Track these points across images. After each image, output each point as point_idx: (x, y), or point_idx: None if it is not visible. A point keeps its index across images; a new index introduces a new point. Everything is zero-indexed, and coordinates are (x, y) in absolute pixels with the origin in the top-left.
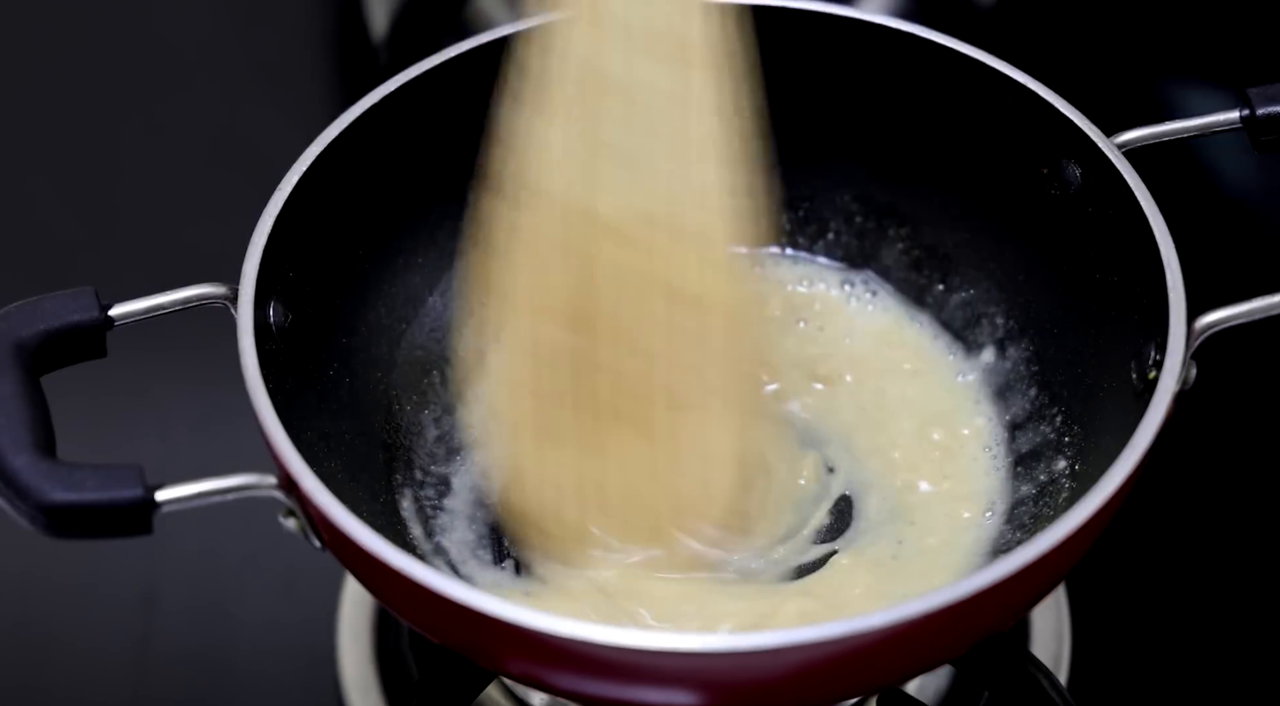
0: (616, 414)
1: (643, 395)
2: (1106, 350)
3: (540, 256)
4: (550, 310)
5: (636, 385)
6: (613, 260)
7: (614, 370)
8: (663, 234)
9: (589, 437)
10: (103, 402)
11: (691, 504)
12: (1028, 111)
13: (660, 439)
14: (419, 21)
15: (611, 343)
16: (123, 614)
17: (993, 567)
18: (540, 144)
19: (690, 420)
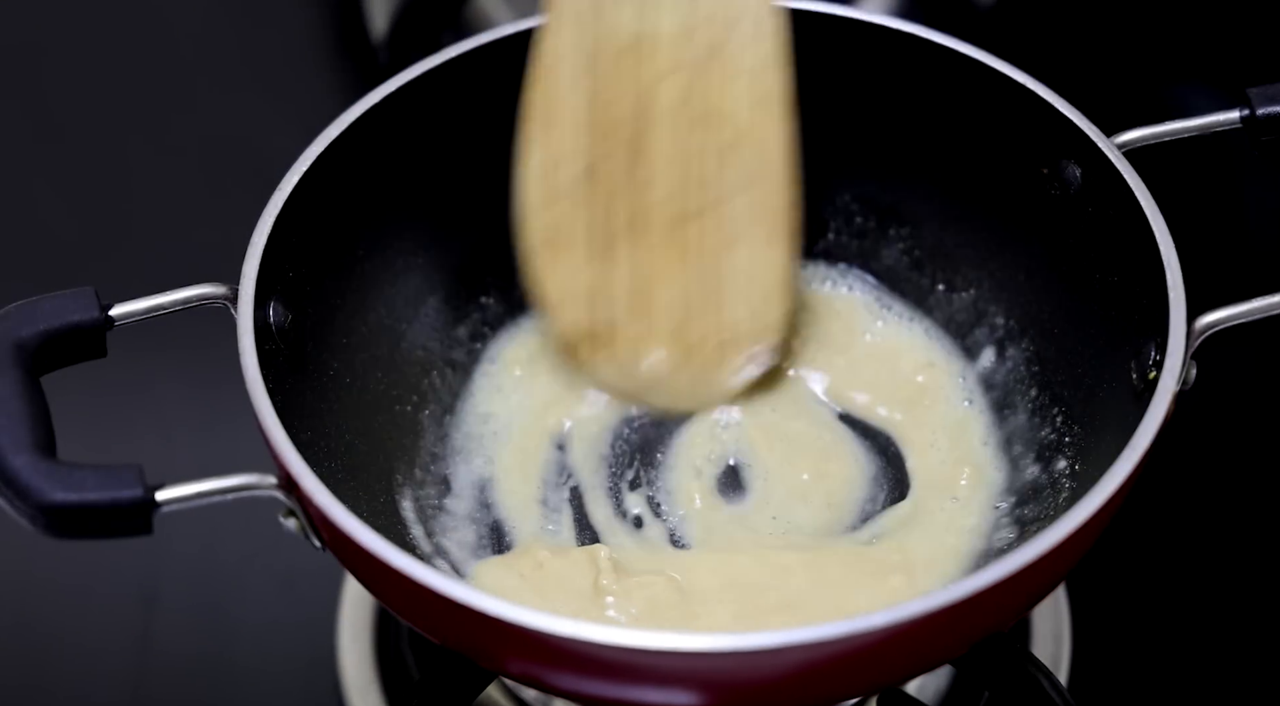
0: (665, 233)
1: (691, 215)
2: (1106, 350)
3: (595, 77)
4: (604, 130)
5: (685, 205)
6: (659, 84)
7: (665, 192)
8: (710, 63)
9: (638, 254)
10: (103, 402)
11: (744, 325)
12: (1028, 111)
13: (706, 257)
14: (419, 21)
15: (661, 162)
16: (123, 614)
17: (993, 567)
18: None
19: (727, 220)
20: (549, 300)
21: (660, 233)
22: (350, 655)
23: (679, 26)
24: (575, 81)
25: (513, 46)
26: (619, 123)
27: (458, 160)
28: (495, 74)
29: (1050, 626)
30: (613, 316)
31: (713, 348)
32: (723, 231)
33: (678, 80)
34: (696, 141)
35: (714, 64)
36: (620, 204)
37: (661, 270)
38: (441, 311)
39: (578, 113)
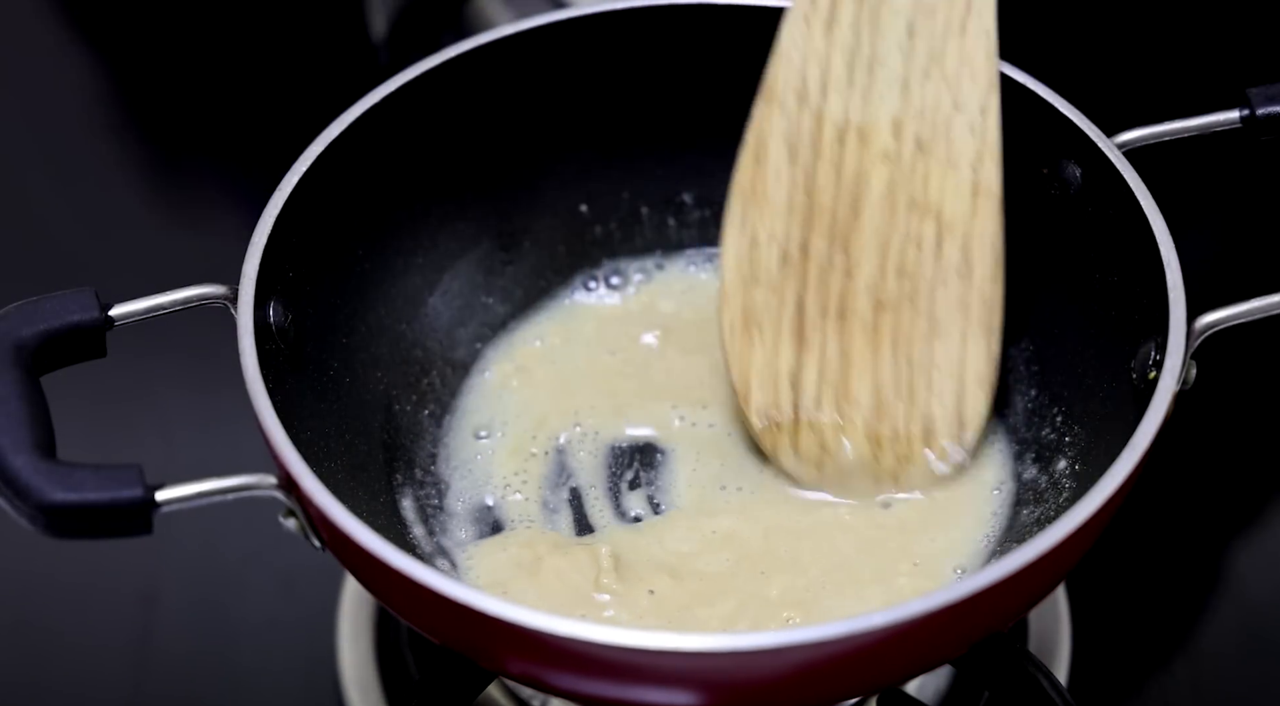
0: (864, 322)
1: (891, 306)
2: (1106, 350)
3: (804, 163)
4: (809, 215)
5: (886, 294)
6: (871, 173)
7: (867, 281)
8: (924, 154)
9: (835, 342)
10: (103, 402)
11: (940, 420)
12: (1028, 111)
13: (903, 349)
14: (419, 21)
15: (865, 253)
16: (123, 613)
17: (993, 567)
18: (816, 55)
19: (940, 337)
20: (740, 382)
21: (859, 322)
22: (350, 655)
23: (891, 119)
24: (783, 165)
25: (513, 46)
26: (824, 208)
27: (458, 160)
28: (495, 74)
29: (1050, 626)
30: (804, 404)
31: (904, 442)
32: (923, 324)
33: (886, 170)
34: (902, 232)
35: (924, 156)
36: (820, 290)
37: (858, 360)
38: (442, 311)
39: (783, 196)
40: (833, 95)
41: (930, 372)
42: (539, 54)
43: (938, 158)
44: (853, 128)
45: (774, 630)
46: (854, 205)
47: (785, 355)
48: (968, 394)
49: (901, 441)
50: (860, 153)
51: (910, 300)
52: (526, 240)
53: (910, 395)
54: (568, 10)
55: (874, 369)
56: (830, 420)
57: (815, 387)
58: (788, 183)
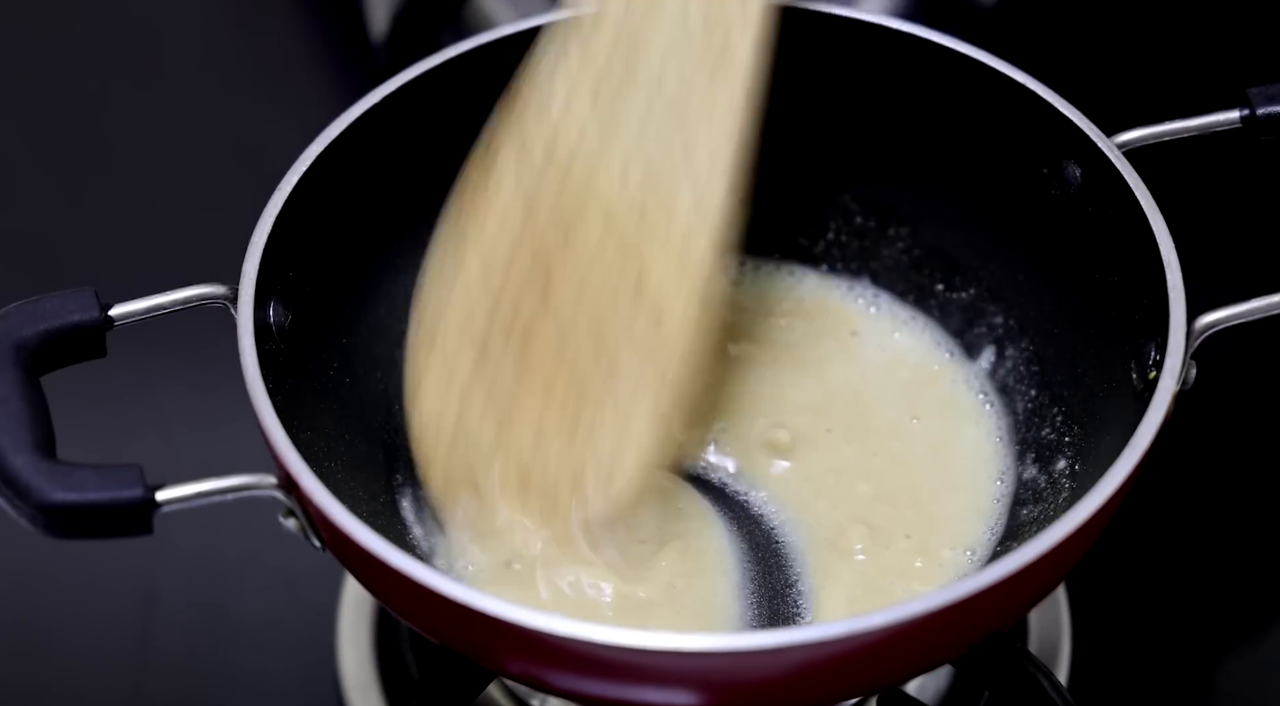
0: (547, 384)
1: (578, 373)
2: (1106, 350)
3: (522, 213)
4: (517, 267)
5: (576, 362)
6: (593, 237)
7: (559, 313)
8: (644, 202)
9: (516, 396)
10: (103, 402)
11: (590, 480)
12: (1028, 111)
13: (579, 413)
14: (419, 21)
15: (566, 316)
16: (123, 613)
17: (993, 567)
18: (558, 104)
19: (614, 410)
20: (412, 381)
21: (540, 352)
22: (350, 655)
23: (622, 156)
24: (508, 175)
25: (513, 46)
26: (536, 231)
27: (458, 160)
28: (495, 74)
29: (1050, 626)
30: (466, 417)
31: (551, 482)
32: (602, 369)
33: (605, 207)
34: (604, 273)
35: (643, 205)
36: (510, 310)
37: (528, 390)
38: None
39: (501, 207)
40: (571, 119)
41: (595, 419)
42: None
43: (655, 209)
44: (583, 155)
45: (774, 630)
46: (566, 234)
47: (462, 367)
48: (626, 448)
49: (550, 480)
50: (585, 183)
51: (596, 342)
52: None
53: (571, 436)
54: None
55: (542, 403)
56: (486, 440)
57: (481, 404)
58: (508, 194)
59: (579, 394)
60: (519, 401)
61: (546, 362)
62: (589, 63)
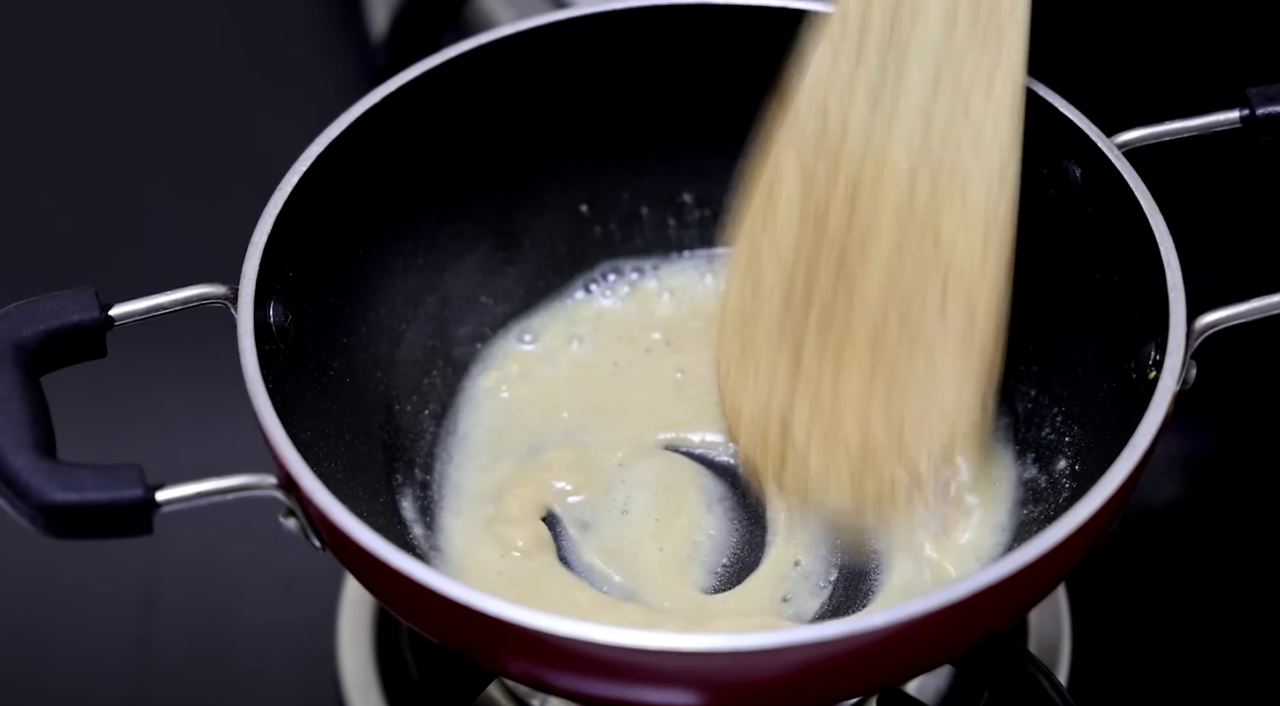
0: (862, 363)
1: (869, 317)
2: (1106, 350)
3: (815, 206)
4: (814, 253)
5: (866, 304)
6: (883, 220)
7: (868, 328)
8: (937, 204)
9: (830, 382)
10: (103, 402)
11: (925, 467)
12: (1028, 111)
13: (877, 364)
14: (419, 21)
15: (868, 300)
16: (123, 613)
17: (993, 567)
18: (839, 90)
19: (909, 353)
20: (731, 420)
21: (856, 367)
22: (350, 655)
23: (909, 167)
24: (795, 205)
25: (513, 46)
26: (832, 253)
27: (458, 160)
28: (495, 74)
29: (1050, 626)
30: (793, 444)
31: (888, 486)
32: (920, 372)
33: (898, 218)
34: (908, 282)
35: (937, 207)
36: (820, 334)
37: (850, 405)
38: (441, 311)
39: (792, 238)
40: (852, 137)
41: (921, 420)
42: (539, 54)
43: (951, 209)
44: (869, 173)
45: (774, 630)
46: (863, 252)
47: (778, 396)
48: (957, 442)
49: (886, 485)
50: (874, 199)
51: (909, 348)
52: (526, 240)
53: (900, 441)
54: (568, 10)
55: (866, 414)
56: (817, 463)
57: (805, 430)
58: (798, 224)
59: (902, 393)
60: (840, 408)
61: (863, 367)
62: (862, 61)
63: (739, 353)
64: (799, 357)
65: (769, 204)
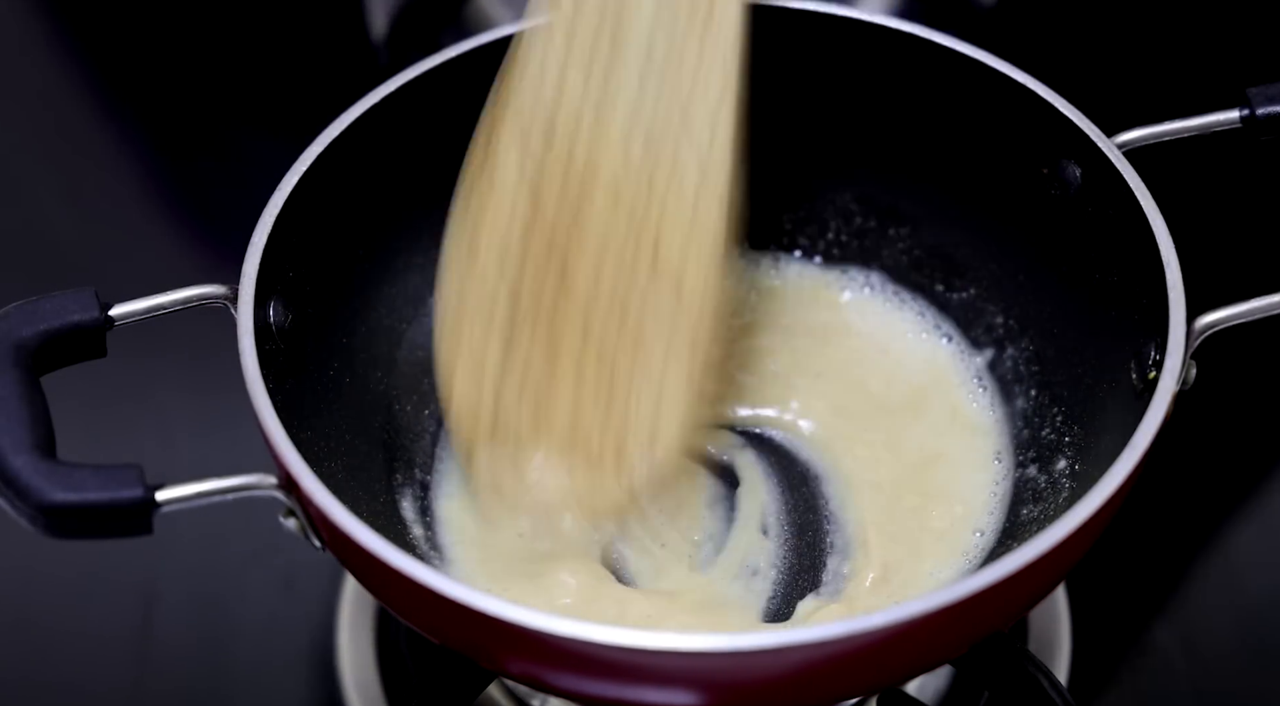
0: (578, 363)
1: (606, 348)
2: (1106, 350)
3: (529, 199)
4: (532, 253)
5: (602, 338)
6: (603, 214)
7: (582, 294)
8: (649, 175)
9: (549, 379)
10: (103, 402)
11: (632, 447)
12: (1028, 111)
13: (613, 387)
14: (419, 21)
15: (587, 295)
16: (124, 613)
17: (993, 567)
18: (549, 87)
19: (647, 379)
20: (445, 378)
21: (569, 332)
22: (350, 655)
23: (621, 134)
24: (511, 169)
25: (513, 46)
26: (547, 219)
27: (458, 160)
28: (495, 74)
29: (1050, 626)
30: (504, 405)
31: (595, 456)
32: (629, 342)
33: (612, 186)
34: (619, 249)
35: (649, 177)
36: (534, 298)
37: (561, 371)
38: None
39: (508, 201)
40: (566, 101)
41: (629, 390)
42: None
43: (661, 179)
44: (583, 135)
45: (774, 630)
46: (575, 215)
47: (492, 357)
48: (665, 413)
49: (594, 453)
50: (588, 163)
51: (619, 316)
52: None
53: (608, 409)
54: None
55: (575, 382)
56: (526, 425)
57: (516, 392)
58: (512, 183)
59: (610, 368)
60: (552, 384)
61: (574, 342)
62: (576, 42)
63: (454, 315)
64: (512, 322)
65: (489, 189)
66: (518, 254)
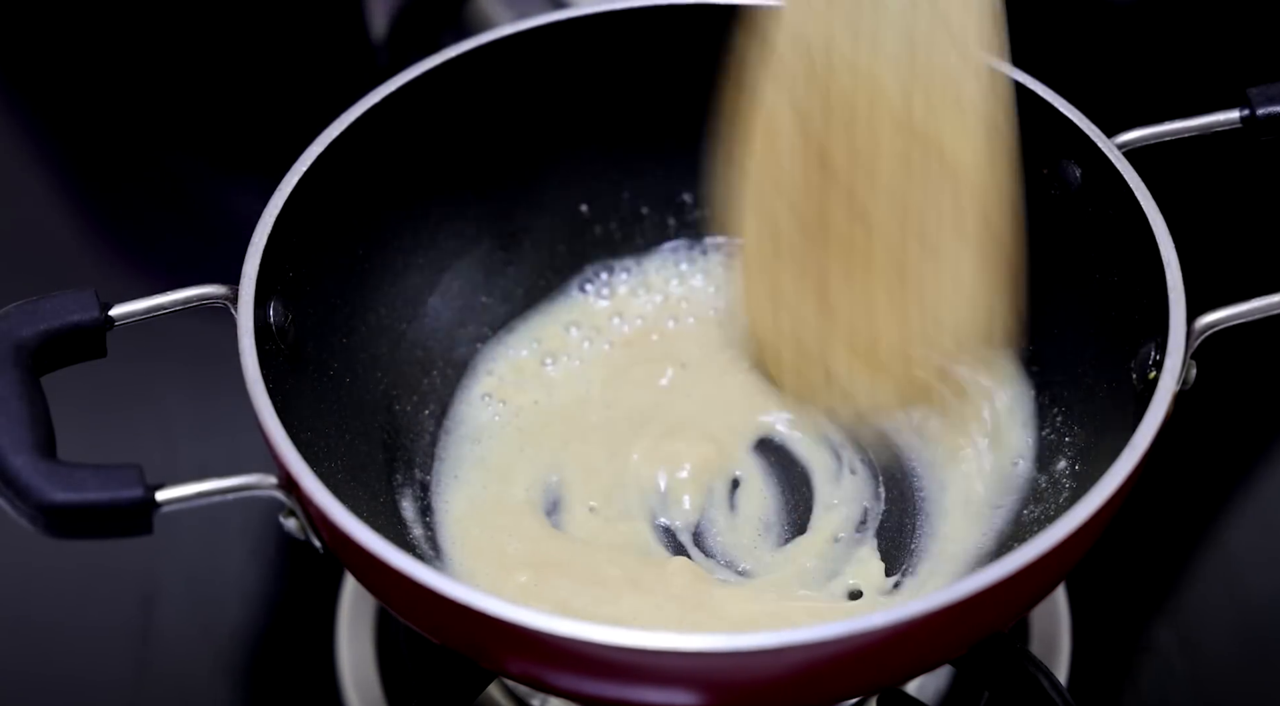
0: (862, 252)
1: (887, 237)
2: (1106, 350)
3: (801, 103)
4: (806, 153)
5: (882, 226)
6: (871, 111)
7: (862, 210)
8: (934, 104)
9: (843, 276)
10: (103, 402)
11: (931, 338)
12: (1028, 111)
13: (901, 279)
14: (419, 21)
15: (862, 185)
16: (123, 613)
17: (993, 567)
18: (817, 20)
19: (931, 264)
20: (772, 360)
21: (883, 284)
22: (350, 655)
23: (898, 78)
24: (792, 141)
25: (513, 46)
26: (839, 179)
27: (458, 160)
28: (495, 74)
29: (1050, 626)
30: (810, 331)
31: (902, 364)
32: (928, 259)
33: (899, 136)
34: (919, 194)
35: (935, 118)
36: (843, 259)
37: (879, 320)
38: (442, 311)
39: (799, 172)
40: (839, 69)
41: (931, 305)
42: (539, 54)
43: (949, 120)
44: (862, 101)
45: (774, 630)
46: (870, 179)
47: (811, 330)
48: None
49: (899, 364)
50: (872, 125)
51: (928, 263)
52: (526, 240)
53: (909, 325)
54: (568, 10)
55: (894, 329)
56: (860, 383)
57: (844, 358)
58: (802, 164)
59: (899, 267)
60: (848, 291)
61: (868, 255)
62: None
63: (767, 298)
64: (825, 290)
65: (769, 150)
66: (816, 210)
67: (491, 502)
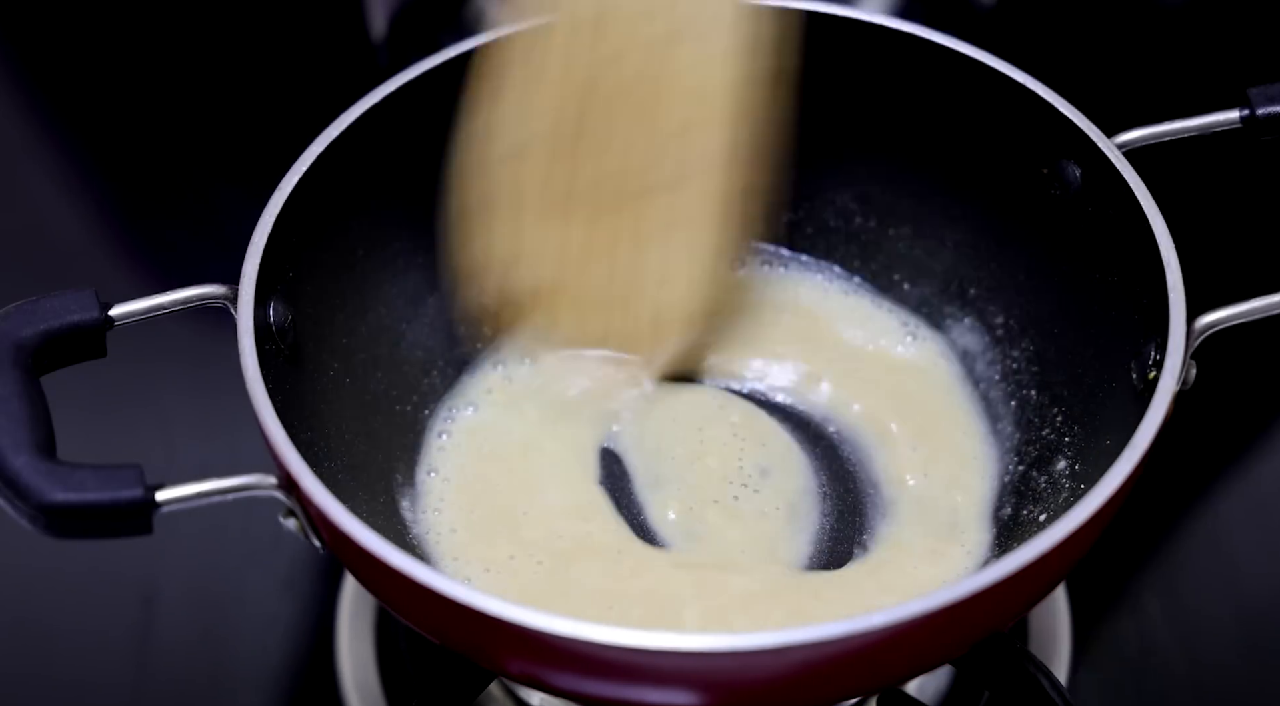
0: (604, 209)
1: (630, 196)
2: (1106, 350)
3: (551, 47)
4: (554, 101)
5: (626, 184)
6: (618, 59)
7: (608, 168)
8: (670, 45)
9: (573, 227)
10: (103, 403)
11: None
12: (1028, 111)
13: (639, 238)
14: (419, 21)
15: (607, 140)
16: (123, 613)
17: (993, 567)
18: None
19: (666, 205)
20: (477, 261)
21: (599, 208)
22: (350, 655)
23: (639, 7)
24: (530, 50)
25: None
26: (570, 95)
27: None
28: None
29: (1050, 626)
30: (540, 283)
31: (634, 325)
32: (658, 215)
33: (632, 60)
34: (644, 124)
35: (670, 49)
36: (562, 175)
37: (593, 245)
38: (442, 311)
39: (530, 81)
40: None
41: (660, 264)
42: None
43: (678, 53)
44: (598, 12)
45: (774, 630)
46: (597, 93)
47: (525, 236)
48: (692, 289)
49: (631, 325)
50: (604, 39)
51: (648, 191)
52: None
53: (640, 284)
54: None
55: (608, 255)
56: (562, 300)
57: (550, 268)
58: (532, 67)
59: (645, 234)
60: (584, 231)
61: (605, 208)
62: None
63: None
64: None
65: (507, 46)
66: (544, 136)
67: (492, 502)
